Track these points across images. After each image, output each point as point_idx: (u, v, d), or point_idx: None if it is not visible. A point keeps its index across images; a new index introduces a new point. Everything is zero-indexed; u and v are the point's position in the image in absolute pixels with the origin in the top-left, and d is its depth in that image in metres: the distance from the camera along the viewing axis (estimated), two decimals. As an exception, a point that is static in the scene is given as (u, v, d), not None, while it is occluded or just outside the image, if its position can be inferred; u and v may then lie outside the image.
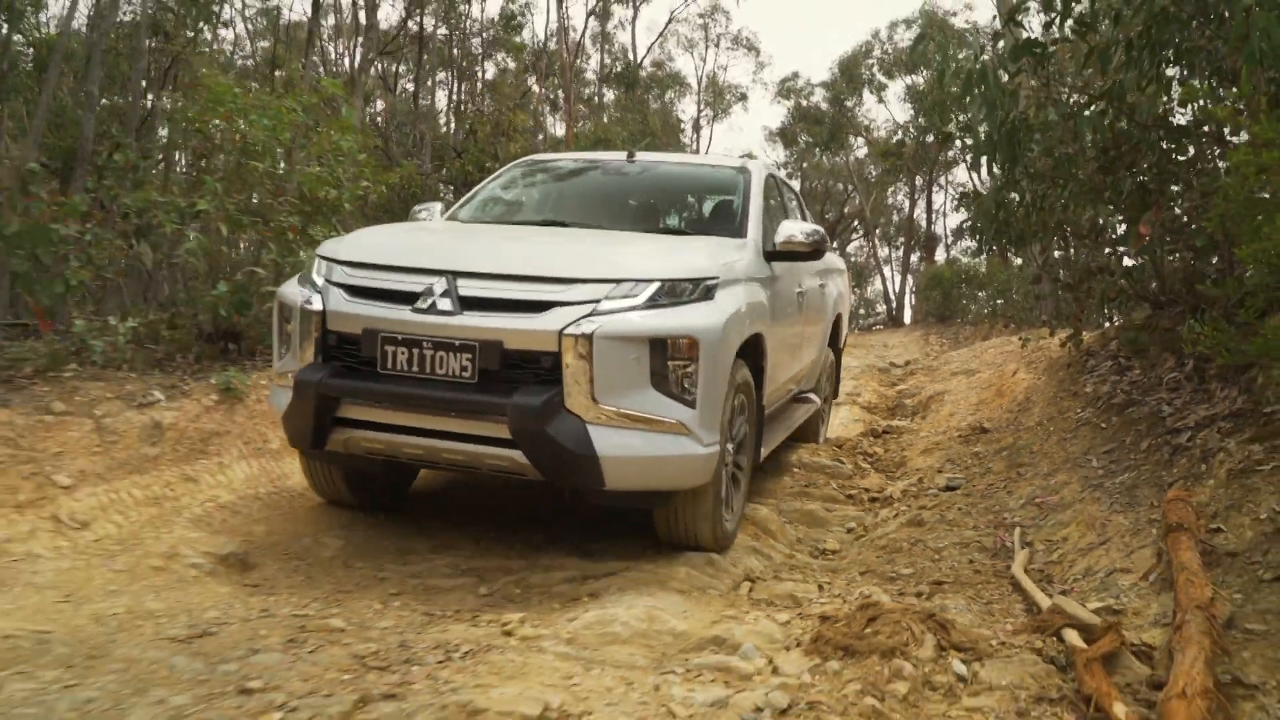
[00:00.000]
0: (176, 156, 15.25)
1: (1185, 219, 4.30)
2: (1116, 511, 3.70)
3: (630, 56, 31.07)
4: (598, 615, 2.90)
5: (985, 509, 4.48)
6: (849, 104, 32.30)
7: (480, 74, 23.49)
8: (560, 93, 26.75)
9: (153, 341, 5.39)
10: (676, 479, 3.48)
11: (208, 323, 5.83)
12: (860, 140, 34.41)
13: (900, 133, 30.57)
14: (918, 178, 33.10)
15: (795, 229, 4.50)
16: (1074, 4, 4.15)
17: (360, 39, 20.88)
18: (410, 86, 24.56)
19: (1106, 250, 4.91)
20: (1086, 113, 4.48)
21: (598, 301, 3.37)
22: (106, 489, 3.65)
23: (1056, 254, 5.57)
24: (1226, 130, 3.87)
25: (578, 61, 26.93)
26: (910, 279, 34.33)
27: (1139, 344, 4.66)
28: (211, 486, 4.10)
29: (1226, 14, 3.90)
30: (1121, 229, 4.66)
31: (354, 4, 19.42)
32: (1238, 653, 2.33)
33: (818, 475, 5.56)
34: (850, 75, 31.81)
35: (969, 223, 5.25)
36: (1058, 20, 4.49)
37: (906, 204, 37.79)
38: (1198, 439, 3.86)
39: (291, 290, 3.79)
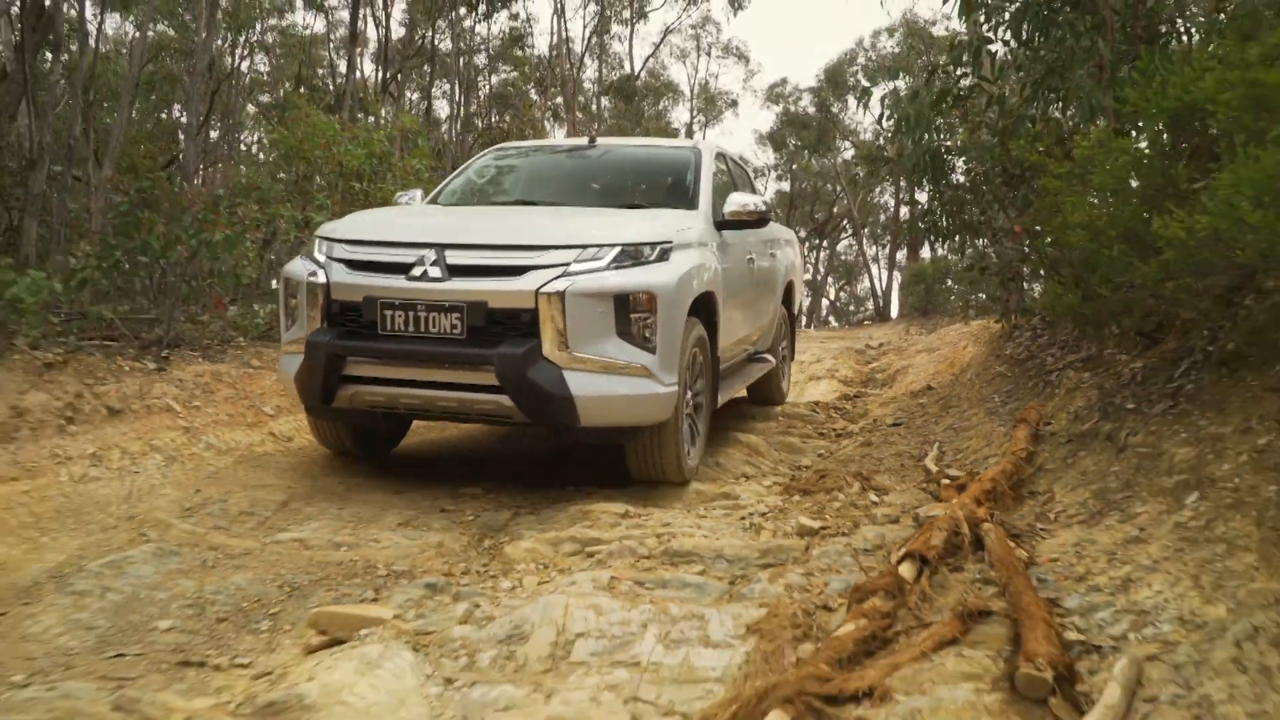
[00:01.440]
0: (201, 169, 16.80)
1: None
2: (1000, 426, 5.27)
3: (626, 66, 32.66)
4: (644, 487, 4.45)
5: (918, 435, 6.05)
6: (835, 109, 34.00)
7: (489, 86, 24.98)
8: (559, 100, 28.37)
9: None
10: (641, 415, 3.91)
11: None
12: (847, 142, 36.06)
13: (882, 138, 32.05)
14: (902, 180, 34.69)
15: (743, 200, 4.97)
16: (971, 70, 5.73)
17: (364, 50, 22.44)
18: (412, 96, 26.15)
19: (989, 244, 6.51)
20: (996, 137, 6.08)
21: (568, 265, 3.78)
22: (296, 418, 5.20)
23: (984, 248, 7.15)
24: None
25: (576, 73, 28.49)
26: (897, 275, 35.99)
27: (1029, 313, 6.23)
28: (356, 421, 5.64)
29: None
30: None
31: (375, 24, 20.93)
32: (1035, 481, 3.90)
33: (797, 421, 7.12)
34: (836, 82, 33.48)
35: (905, 223, 6.84)
36: (969, 73, 6.08)
37: (892, 204, 39.29)
38: (1061, 375, 5.44)
39: (296, 267, 4.17)
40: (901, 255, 36.52)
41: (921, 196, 7.77)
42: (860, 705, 1.94)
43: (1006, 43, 5.68)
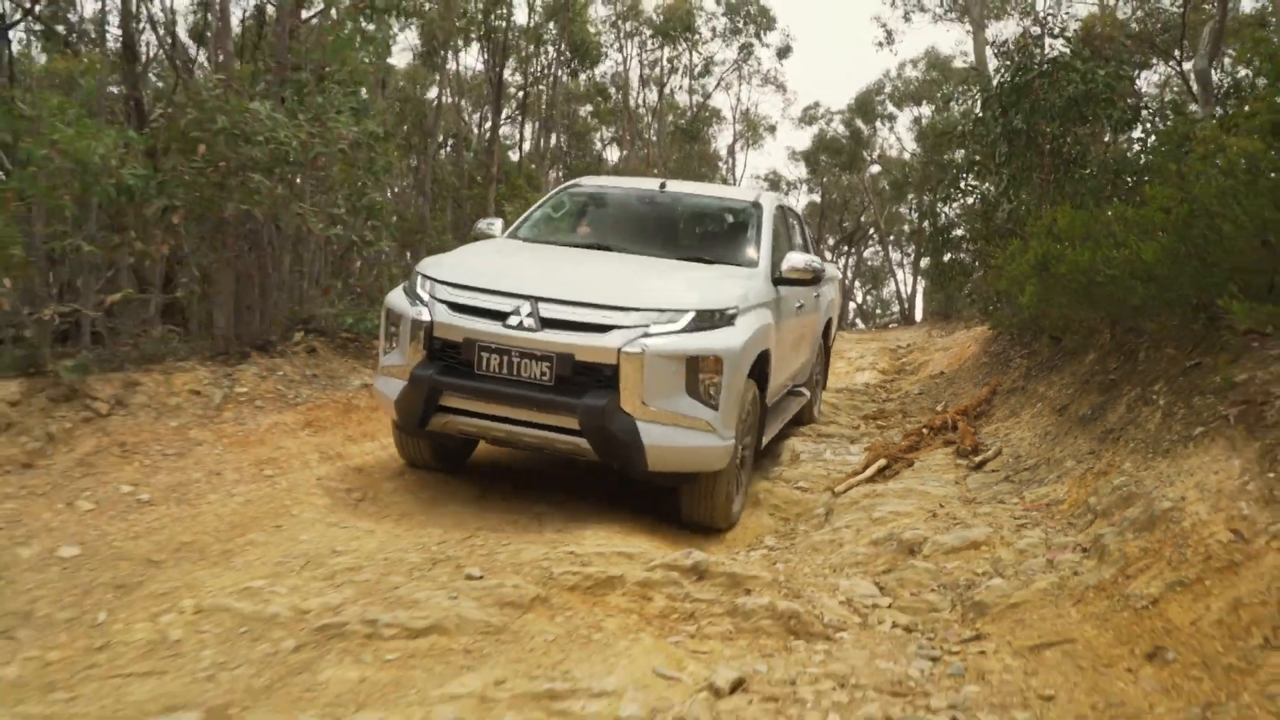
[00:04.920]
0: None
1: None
2: (979, 391, 9.28)
3: (680, 100, 36.72)
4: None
5: (933, 397, 10.07)
6: (864, 134, 37.92)
7: (568, 125, 29.14)
8: (621, 129, 32.59)
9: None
10: (702, 464, 4.26)
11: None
12: (874, 156, 39.93)
13: (905, 165, 35.92)
14: (925, 196, 38.38)
15: (799, 260, 5.27)
16: (965, 177, 9.74)
17: (490, 113, 26.66)
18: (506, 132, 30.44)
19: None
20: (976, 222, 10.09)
21: (648, 326, 4.12)
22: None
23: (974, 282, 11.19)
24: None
25: (639, 109, 32.63)
26: (921, 281, 39.69)
27: (1000, 326, 10.24)
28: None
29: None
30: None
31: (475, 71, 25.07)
32: (989, 412, 7.90)
33: (856, 394, 11.17)
34: (865, 110, 37.42)
35: (926, 270, 10.87)
36: (965, 179, 10.09)
37: (916, 215, 42.85)
38: (1014, 361, 9.46)
39: (400, 301, 4.49)
40: (925, 262, 40.20)
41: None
42: (907, 460, 6.00)
43: (984, 164, 9.67)
